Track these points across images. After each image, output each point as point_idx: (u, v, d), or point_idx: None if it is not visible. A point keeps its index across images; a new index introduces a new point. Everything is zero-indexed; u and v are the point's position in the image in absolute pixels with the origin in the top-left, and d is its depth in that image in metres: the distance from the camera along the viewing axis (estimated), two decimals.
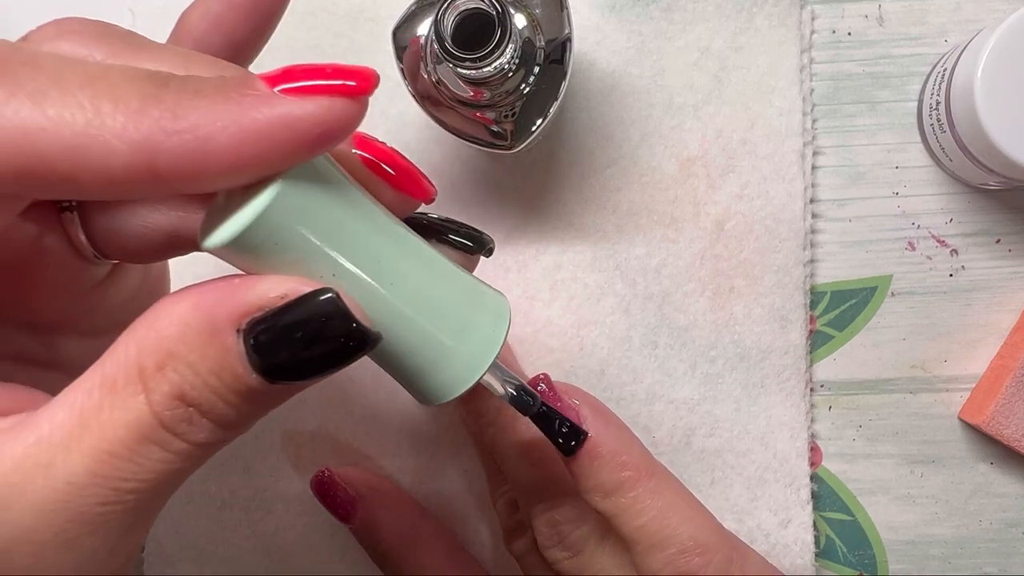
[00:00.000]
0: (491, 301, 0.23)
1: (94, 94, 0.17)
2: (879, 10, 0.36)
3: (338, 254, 0.19)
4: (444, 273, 0.22)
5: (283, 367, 0.19)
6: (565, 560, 0.30)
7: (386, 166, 0.22)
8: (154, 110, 0.17)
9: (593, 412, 0.28)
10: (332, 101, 0.18)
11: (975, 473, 0.36)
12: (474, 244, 0.24)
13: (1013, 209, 0.36)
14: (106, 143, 0.17)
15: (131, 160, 0.17)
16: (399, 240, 0.21)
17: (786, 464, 0.36)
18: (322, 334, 0.19)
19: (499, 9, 0.27)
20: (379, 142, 0.22)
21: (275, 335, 0.18)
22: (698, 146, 0.36)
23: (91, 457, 0.18)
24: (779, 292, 0.36)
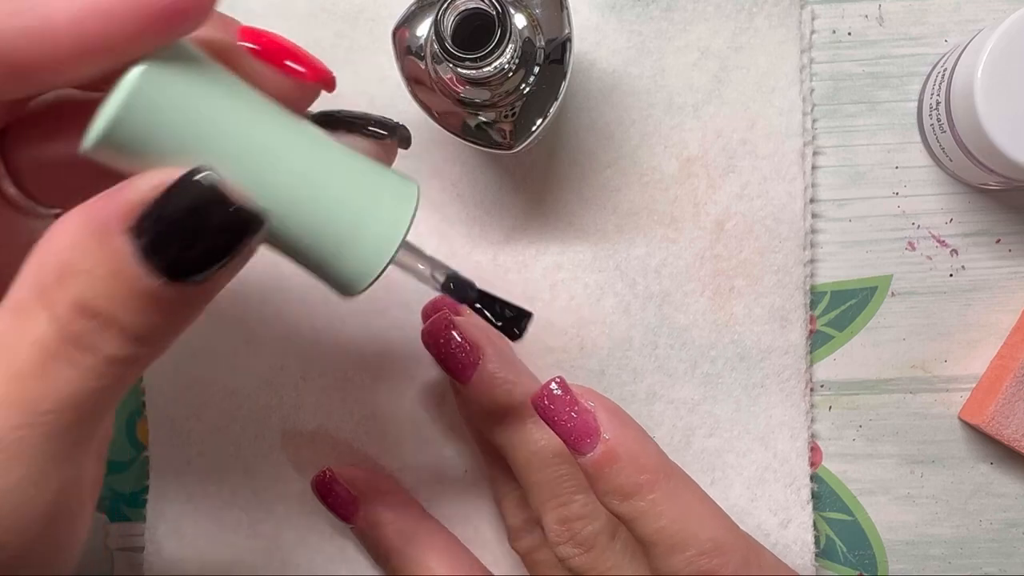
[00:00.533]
0: (395, 182, 0.23)
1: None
2: (879, 10, 0.36)
3: (217, 140, 0.19)
4: (340, 157, 0.22)
5: (176, 262, 0.18)
6: (576, 557, 0.30)
7: (277, 55, 0.21)
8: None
9: (609, 415, 0.28)
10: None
11: (975, 473, 0.36)
12: (386, 131, 0.24)
13: (1013, 209, 0.36)
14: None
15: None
16: (287, 126, 0.21)
17: (786, 464, 0.36)
18: (205, 219, 0.18)
19: (499, 9, 0.27)
20: (264, 31, 0.22)
21: (160, 228, 0.18)
22: (698, 146, 0.36)
23: (2, 380, 0.18)
24: (779, 292, 0.36)
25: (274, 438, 0.37)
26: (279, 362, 0.37)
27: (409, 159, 0.37)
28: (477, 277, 0.37)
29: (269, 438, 0.37)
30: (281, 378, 0.37)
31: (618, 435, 0.27)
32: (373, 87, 0.37)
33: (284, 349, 0.37)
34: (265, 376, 0.37)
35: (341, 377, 0.37)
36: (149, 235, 0.18)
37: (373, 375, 0.37)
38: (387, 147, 0.24)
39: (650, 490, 0.27)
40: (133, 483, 0.38)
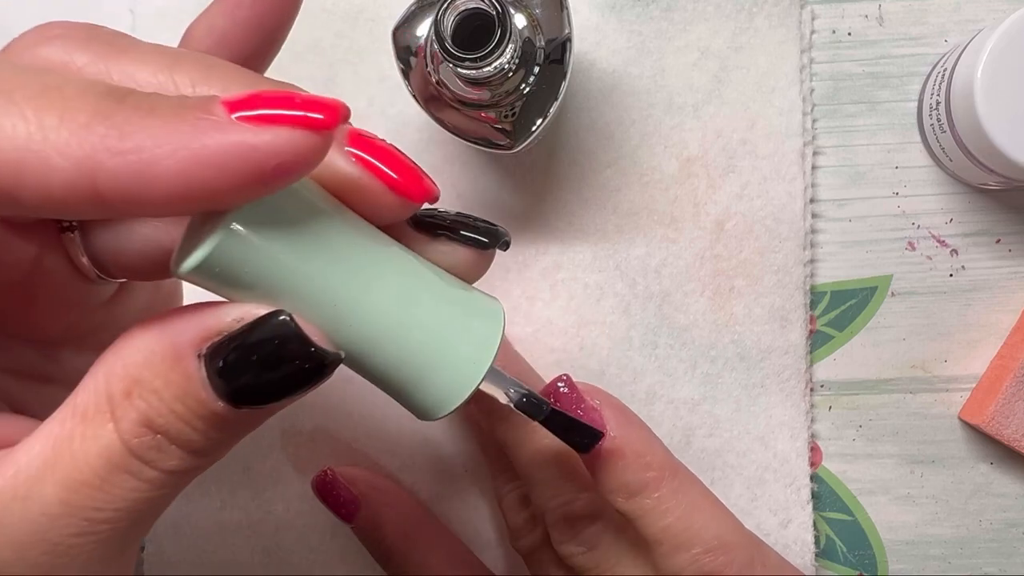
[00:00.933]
0: (483, 306, 0.22)
1: (41, 106, 0.16)
2: (879, 10, 0.36)
3: (303, 275, 0.19)
4: (429, 284, 0.21)
5: (244, 391, 0.19)
6: (580, 555, 0.30)
7: (383, 166, 0.21)
8: (100, 127, 0.16)
9: (615, 413, 0.28)
10: (292, 133, 0.17)
11: (975, 473, 0.36)
12: (488, 239, 0.23)
13: (1013, 209, 0.36)
14: (46, 158, 0.16)
15: (72, 178, 0.16)
16: (377, 257, 0.21)
17: (786, 464, 0.36)
18: (279, 357, 0.18)
19: (499, 9, 0.27)
20: (376, 139, 0.21)
21: (235, 359, 0.18)
22: (698, 146, 0.36)
23: (64, 487, 0.18)
24: (779, 292, 0.36)
25: (274, 438, 0.37)
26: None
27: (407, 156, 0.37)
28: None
29: (269, 438, 0.37)
30: None
31: (624, 433, 0.27)
32: (373, 87, 0.37)
33: None
34: None
35: (341, 376, 0.37)
36: (221, 363, 0.18)
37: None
38: (486, 255, 0.23)
39: (656, 488, 0.27)
40: None
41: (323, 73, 0.37)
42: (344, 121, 0.18)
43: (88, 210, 0.17)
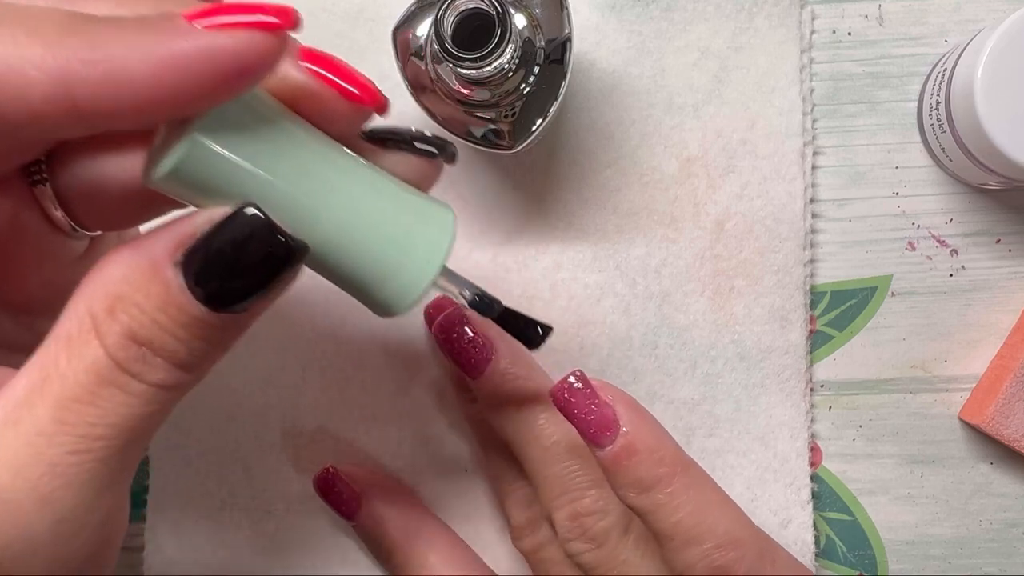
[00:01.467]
0: (436, 211, 0.24)
1: (14, 27, 0.17)
2: (879, 10, 0.36)
3: (267, 176, 0.21)
4: (383, 188, 0.23)
5: (220, 291, 0.19)
6: (587, 552, 0.30)
7: (333, 76, 0.22)
8: (71, 39, 0.17)
9: (627, 408, 0.28)
10: (252, 35, 0.18)
11: (975, 473, 0.36)
12: (436, 148, 0.25)
13: (1013, 209, 0.36)
14: (24, 73, 0.17)
15: (49, 91, 0.17)
16: (335, 160, 0.22)
17: (786, 464, 0.36)
18: (248, 249, 0.19)
19: (499, 9, 0.27)
20: (324, 53, 0.22)
21: (207, 259, 0.19)
22: (698, 146, 0.36)
23: (55, 406, 0.18)
24: (779, 292, 0.36)
25: (274, 437, 0.37)
26: (279, 361, 0.37)
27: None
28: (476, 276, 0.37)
29: (269, 437, 0.37)
30: (281, 377, 0.37)
31: (637, 428, 0.27)
32: None
33: (284, 348, 0.37)
34: (265, 375, 0.37)
35: (341, 376, 0.37)
36: (196, 267, 0.19)
37: (373, 374, 0.37)
38: (435, 164, 0.25)
39: (668, 483, 0.27)
40: (133, 483, 0.38)
41: None
42: (297, 25, 0.19)
43: (67, 123, 0.18)
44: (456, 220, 0.25)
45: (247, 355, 0.37)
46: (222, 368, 0.37)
